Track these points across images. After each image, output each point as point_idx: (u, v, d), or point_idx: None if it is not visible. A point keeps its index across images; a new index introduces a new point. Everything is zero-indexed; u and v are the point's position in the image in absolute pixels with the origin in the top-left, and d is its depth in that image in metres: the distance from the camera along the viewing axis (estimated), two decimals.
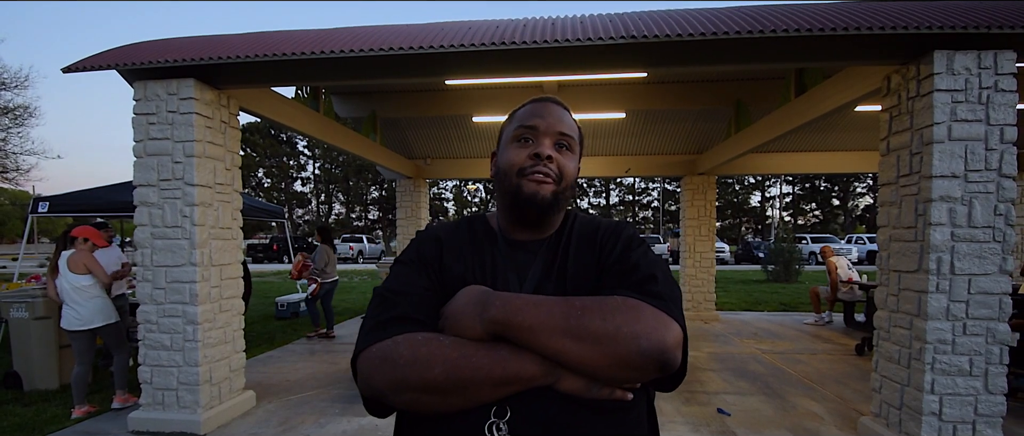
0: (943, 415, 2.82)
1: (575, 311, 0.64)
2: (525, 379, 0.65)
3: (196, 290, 3.39)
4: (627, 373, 0.64)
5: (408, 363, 0.64)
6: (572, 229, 0.87)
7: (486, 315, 0.66)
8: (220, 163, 3.64)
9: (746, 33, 3.02)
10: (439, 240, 0.86)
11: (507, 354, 0.65)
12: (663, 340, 0.63)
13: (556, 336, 0.63)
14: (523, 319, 0.64)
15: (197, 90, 3.40)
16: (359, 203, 42.40)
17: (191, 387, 3.43)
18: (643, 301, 0.67)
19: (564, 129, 0.84)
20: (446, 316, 0.72)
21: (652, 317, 0.64)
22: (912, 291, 2.98)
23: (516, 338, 0.65)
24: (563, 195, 0.83)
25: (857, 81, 3.68)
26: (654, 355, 0.62)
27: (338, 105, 6.61)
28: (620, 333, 0.62)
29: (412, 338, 0.67)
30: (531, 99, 0.88)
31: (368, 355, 0.68)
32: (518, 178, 0.81)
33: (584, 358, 0.63)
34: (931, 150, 2.87)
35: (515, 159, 0.82)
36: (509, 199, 0.83)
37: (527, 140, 0.83)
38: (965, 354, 2.81)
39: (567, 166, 0.83)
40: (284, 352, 5.80)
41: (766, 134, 5.41)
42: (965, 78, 2.85)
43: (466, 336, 0.67)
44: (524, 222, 0.85)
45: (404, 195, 8.85)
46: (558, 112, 0.85)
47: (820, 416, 3.67)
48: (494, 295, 0.69)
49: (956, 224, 2.84)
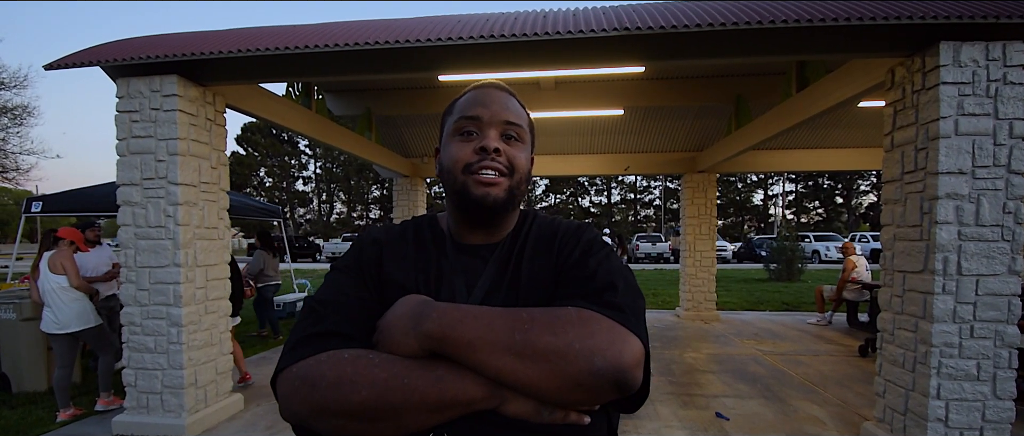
0: (949, 421, 2.71)
1: (521, 324, 0.56)
2: (465, 402, 0.57)
3: (180, 292, 3.31)
4: (580, 395, 0.56)
5: (331, 385, 0.56)
6: (529, 232, 0.79)
7: (420, 329, 0.58)
8: (205, 161, 3.55)
9: (744, 24, 2.92)
10: (379, 243, 0.77)
11: (445, 374, 0.57)
12: (619, 357, 0.55)
13: (498, 353, 0.55)
14: (462, 333, 0.56)
15: (180, 87, 3.32)
16: (360, 202, 42.37)
17: (176, 390, 3.35)
18: (600, 313, 0.58)
19: (511, 117, 0.75)
20: (379, 330, 0.64)
21: (608, 331, 0.56)
22: (917, 292, 2.88)
23: (454, 355, 0.57)
24: (516, 191, 0.74)
25: (860, 75, 3.57)
26: (610, 374, 0.54)
27: (332, 103, 6.52)
28: (572, 350, 0.54)
29: (337, 356, 0.59)
30: (472, 86, 0.79)
31: (288, 376, 0.60)
32: (464, 176, 0.72)
33: (531, 378, 0.55)
34: (937, 145, 2.77)
35: (459, 155, 0.73)
36: (456, 199, 0.74)
37: (470, 133, 0.74)
38: (972, 358, 2.70)
39: (518, 158, 0.74)
40: (276, 353, 5.73)
41: (767, 131, 5.29)
42: (972, 70, 2.74)
43: (399, 353, 0.59)
44: (474, 224, 0.77)
45: (401, 194, 8.77)
46: (503, 98, 0.76)
47: (822, 421, 3.56)
48: (431, 306, 0.61)
49: (963, 222, 2.73)
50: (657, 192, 41.56)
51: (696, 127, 7.39)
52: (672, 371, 4.84)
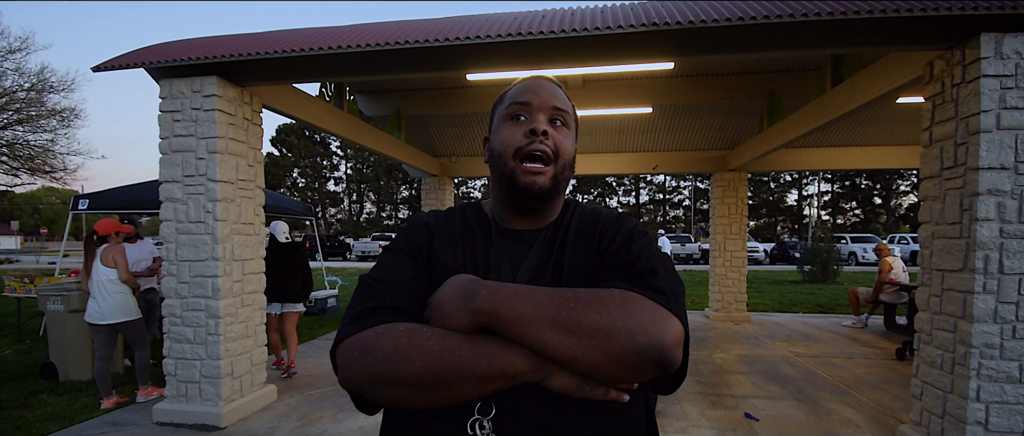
0: (990, 425, 2.60)
1: (567, 303, 0.60)
2: (512, 375, 0.60)
3: (218, 285, 3.47)
4: (622, 371, 0.59)
5: (388, 355, 0.61)
6: (571, 219, 0.82)
7: (471, 305, 0.62)
8: (242, 159, 3.71)
9: (776, 17, 2.86)
10: (429, 227, 0.82)
11: (493, 348, 0.60)
12: (661, 337, 0.58)
13: (545, 329, 0.58)
14: (511, 310, 0.60)
15: (220, 87, 3.48)
16: (389, 202, 43.13)
17: (213, 380, 3.51)
18: (642, 294, 0.61)
19: (558, 103, 0.79)
20: (431, 306, 0.68)
21: (651, 312, 0.59)
22: (956, 291, 2.77)
23: (503, 330, 0.60)
24: (561, 177, 0.78)
25: (898, 69, 3.45)
26: (652, 353, 0.57)
27: (363, 103, 6.68)
28: (615, 328, 0.57)
29: (393, 329, 0.64)
30: (521, 79, 0.84)
31: (347, 346, 0.65)
32: (514, 161, 0.76)
33: (576, 353, 0.58)
34: (978, 140, 2.66)
35: (510, 139, 0.77)
36: (505, 185, 0.79)
37: (520, 117, 0.79)
38: (1014, 359, 2.59)
39: (564, 143, 0.79)
40: (309, 347, 5.91)
41: (800, 128, 5.15)
42: (1015, 62, 2.62)
43: (451, 327, 0.63)
44: (521, 211, 0.81)
45: (429, 193, 8.90)
46: (551, 87, 0.81)
47: (856, 423, 3.46)
48: (481, 284, 0.65)
49: (1005, 220, 2.62)
50: (687, 192, 40.80)
51: (726, 125, 7.26)
52: (701, 371, 4.77)
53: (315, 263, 21.44)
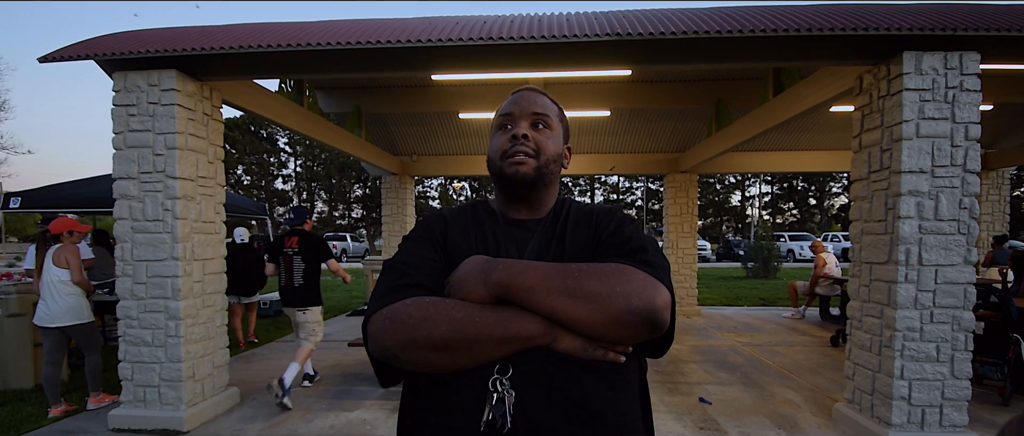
0: (912, 399, 2.95)
1: (572, 273, 0.70)
2: (525, 338, 0.70)
3: (178, 285, 3.35)
4: (620, 331, 0.69)
5: (417, 322, 0.69)
6: (569, 211, 0.94)
7: (490, 279, 0.72)
8: (202, 156, 3.59)
9: (726, 32, 3.10)
10: (445, 218, 0.93)
11: (509, 315, 0.70)
12: (652, 301, 0.68)
13: (554, 295, 0.69)
14: (524, 280, 0.70)
15: (179, 81, 3.36)
16: (342, 201, 41.89)
17: (173, 384, 3.38)
18: (636, 267, 0.73)
19: (537, 109, 0.92)
20: (451, 283, 0.78)
21: (643, 280, 0.70)
22: (883, 281, 3.11)
23: (517, 299, 0.70)
24: (545, 169, 0.90)
25: (831, 81, 3.81)
26: (644, 314, 0.67)
27: (322, 100, 6.55)
28: (613, 292, 0.67)
29: (420, 301, 0.73)
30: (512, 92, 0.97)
31: (379, 316, 0.73)
32: (501, 161, 0.89)
33: (581, 316, 0.68)
34: (900, 146, 3.00)
35: (498, 145, 0.91)
36: (498, 181, 0.92)
37: (507, 126, 0.91)
38: (932, 341, 2.94)
39: (544, 142, 0.90)
40: (268, 349, 5.75)
41: (745, 133, 5.54)
42: (932, 78, 2.98)
43: (471, 299, 0.72)
44: (515, 199, 0.92)
45: (390, 192, 8.81)
46: (532, 96, 0.94)
47: (797, 403, 3.79)
48: (497, 261, 0.75)
49: (923, 217, 2.97)
50: (639, 193, 42.13)
51: (678, 129, 7.64)
52: (658, 361, 5.03)
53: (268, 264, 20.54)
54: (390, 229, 8.88)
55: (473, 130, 7.91)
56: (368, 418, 3.54)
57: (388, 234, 8.93)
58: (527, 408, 0.69)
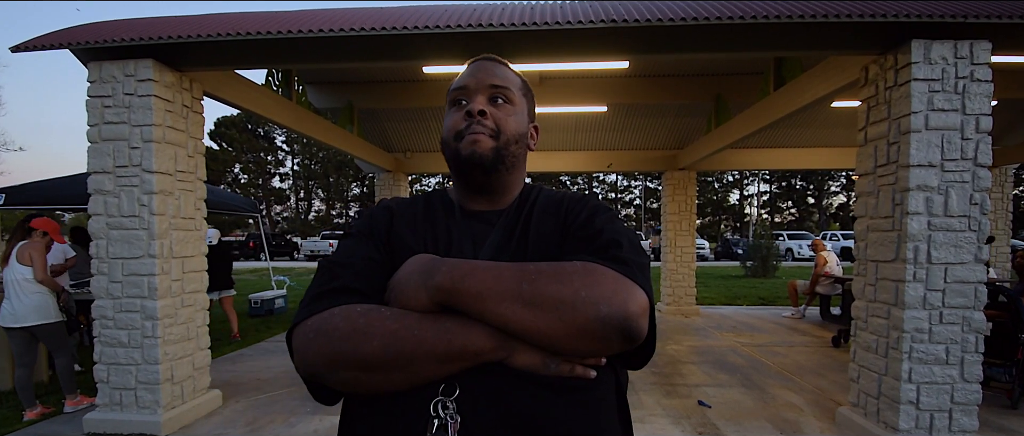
0: (920, 404, 2.82)
1: (529, 275, 0.58)
2: (473, 353, 0.58)
3: (155, 284, 3.21)
4: (587, 344, 0.57)
5: (344, 336, 0.58)
6: (536, 200, 0.81)
7: (431, 282, 0.60)
8: (182, 150, 3.45)
9: (727, 19, 2.97)
10: (390, 210, 0.79)
11: (454, 326, 0.58)
12: (625, 306, 0.56)
13: (506, 302, 0.56)
14: (470, 285, 0.58)
15: (156, 71, 3.22)
16: (340, 199, 41.76)
17: (151, 386, 3.25)
18: (606, 266, 0.60)
19: (496, 80, 0.78)
20: (391, 288, 0.65)
21: (614, 281, 0.58)
22: (889, 280, 2.98)
23: (464, 307, 0.58)
24: (506, 150, 0.76)
25: (835, 73, 3.68)
26: (616, 322, 0.55)
27: (313, 95, 6.41)
28: (578, 297, 0.55)
29: (350, 310, 0.61)
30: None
31: (303, 329, 0.62)
32: (455, 142, 0.75)
33: (539, 326, 0.56)
34: (908, 139, 2.87)
35: (451, 124, 0.77)
36: (454, 165, 0.78)
37: (462, 102, 0.78)
38: (942, 343, 2.82)
39: (504, 119, 0.77)
40: (256, 350, 5.61)
41: (745, 128, 5.41)
42: (942, 67, 2.85)
43: (410, 307, 0.61)
44: (472, 187, 0.79)
45: (383, 189, 8.67)
46: (490, 66, 0.79)
47: (799, 407, 3.67)
48: (441, 261, 0.62)
49: (933, 213, 2.84)
50: (638, 191, 42.07)
51: (677, 125, 7.51)
52: (655, 362, 4.91)
53: (261, 263, 20.44)
54: None
55: None
56: None
57: None
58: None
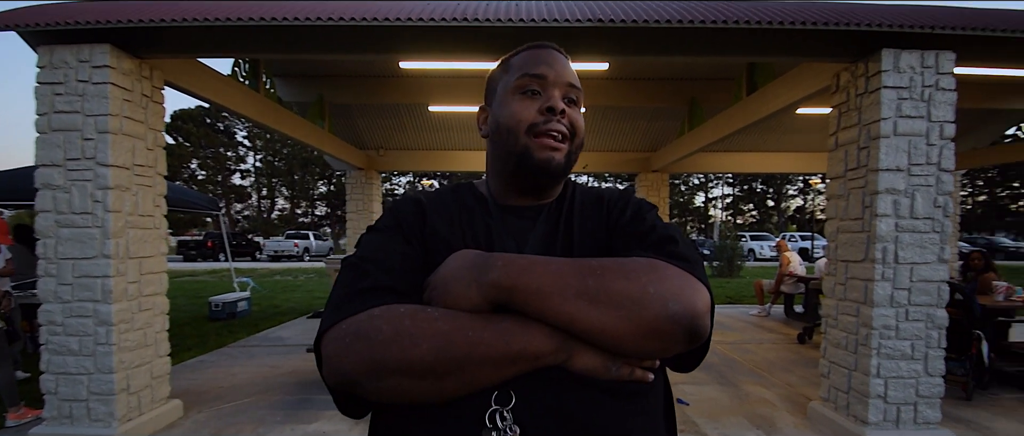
0: (888, 397, 2.93)
1: (593, 271, 0.54)
2: (533, 356, 0.53)
3: (110, 286, 2.99)
4: (653, 343, 0.53)
5: (389, 340, 0.52)
6: (574, 195, 0.77)
7: (486, 279, 0.55)
8: (140, 142, 3.23)
9: (710, 22, 3.01)
10: (420, 203, 0.73)
11: (511, 326, 0.54)
12: (693, 303, 0.54)
13: (571, 299, 0.52)
14: (531, 281, 0.53)
15: (113, 58, 3.00)
16: (305, 198, 40.59)
17: (105, 397, 3.02)
18: (668, 262, 0.57)
19: (572, 80, 0.73)
20: (433, 286, 0.60)
21: (680, 278, 0.55)
22: (859, 280, 3.09)
23: (523, 305, 0.54)
24: (573, 156, 0.73)
25: (806, 79, 3.80)
26: (684, 320, 0.53)
27: (282, 88, 6.17)
28: (647, 294, 0.52)
29: (392, 310, 0.55)
30: (527, 45, 0.76)
31: (336, 333, 0.55)
32: (527, 137, 0.69)
33: (606, 325, 0.52)
34: (878, 144, 2.98)
35: (523, 114, 0.70)
36: (514, 162, 0.71)
37: (534, 92, 0.71)
38: (908, 339, 2.94)
39: (578, 121, 0.73)
40: (218, 356, 5.34)
41: (718, 132, 5.54)
42: (909, 76, 2.97)
43: (459, 307, 0.56)
44: (529, 189, 0.74)
45: (355, 187, 8.46)
46: (565, 61, 0.75)
47: (772, 402, 3.76)
48: (494, 256, 0.57)
49: (900, 215, 2.96)
50: None
51: (652, 128, 7.63)
52: None
53: (221, 264, 19.60)
54: (355, 227, 8.54)
55: (443, 124, 7.66)
56: (329, 431, 3.28)
57: (353, 232, 8.59)
58: None
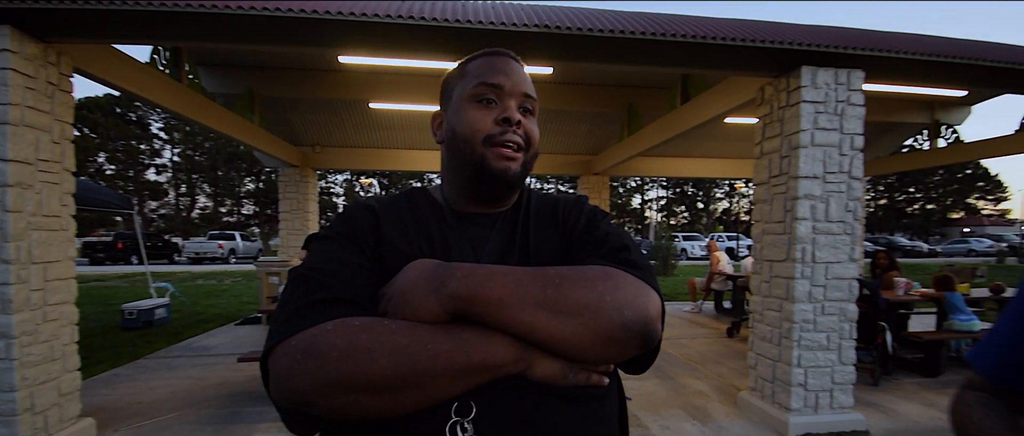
0: (808, 385, 3.22)
1: (551, 280, 0.56)
2: (493, 366, 0.54)
3: (10, 294, 2.66)
4: (610, 349, 0.56)
5: (344, 355, 0.51)
6: (529, 203, 0.78)
7: (445, 290, 0.55)
8: (45, 134, 2.90)
9: (647, 35, 3.15)
10: (373, 210, 0.71)
11: (471, 336, 0.54)
12: (647, 310, 0.57)
13: (531, 309, 0.54)
14: (490, 291, 0.54)
15: (14, 41, 2.67)
16: (230, 196, 37.97)
17: (5, 419, 2.68)
18: (622, 269, 0.60)
19: (528, 90, 0.74)
20: (390, 297, 0.59)
21: (634, 285, 0.58)
22: (782, 278, 3.36)
23: (483, 315, 0.54)
24: (529, 166, 0.74)
25: (735, 91, 4.08)
26: (639, 327, 0.56)
27: (207, 79, 5.74)
28: (604, 303, 0.55)
29: (346, 324, 0.54)
30: (483, 51, 0.76)
31: (286, 349, 0.53)
32: (484, 147, 0.69)
33: (565, 333, 0.54)
34: (798, 154, 3.26)
35: (479, 124, 0.70)
36: (470, 171, 0.71)
37: (490, 101, 0.71)
38: (824, 331, 3.24)
39: (533, 131, 0.74)
40: (134, 369, 4.89)
41: (655, 138, 5.82)
42: (825, 91, 3.28)
43: (418, 318, 0.55)
44: (485, 197, 0.74)
45: (289, 186, 8.05)
46: (521, 70, 0.75)
47: (706, 394, 4.01)
48: (453, 267, 0.57)
49: (817, 219, 3.25)
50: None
51: (593, 132, 7.86)
52: None
53: (135, 267, 17.94)
54: (289, 227, 8.12)
55: (384, 122, 7.47)
56: None
57: (287, 232, 8.16)
58: None
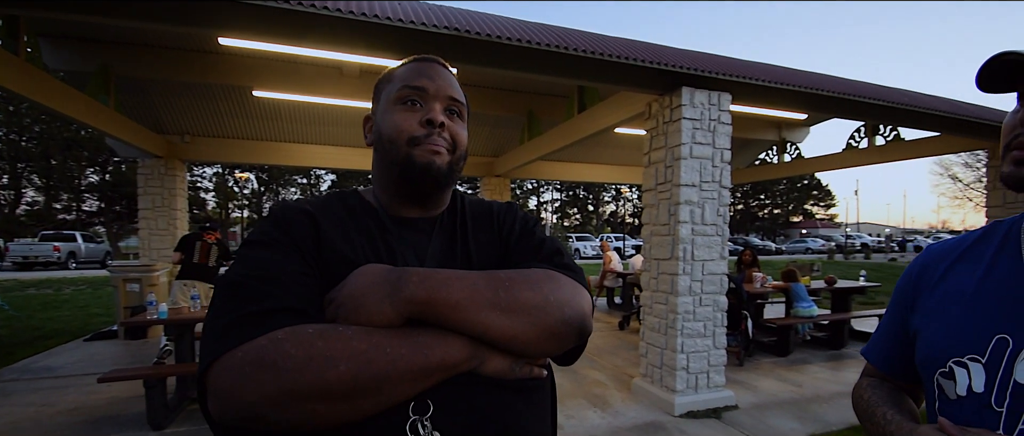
0: (690, 369, 3.63)
1: (502, 283, 0.61)
2: (450, 365, 0.57)
3: None
4: (552, 344, 0.62)
5: (300, 365, 0.50)
6: (464, 208, 0.81)
7: (401, 294, 0.56)
8: None
9: (548, 46, 3.28)
10: (310, 214, 0.68)
11: (428, 339, 0.56)
12: (582, 307, 0.64)
13: (485, 310, 0.58)
14: (449, 295, 0.57)
15: None
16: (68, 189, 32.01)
17: None
18: (560, 272, 0.67)
19: (454, 94, 0.76)
20: (340, 303, 0.58)
21: (570, 286, 0.65)
22: (667, 274, 3.74)
23: (440, 317, 0.57)
24: (457, 166, 0.76)
25: (625, 105, 4.45)
26: (576, 322, 0.63)
27: (49, 53, 4.82)
28: (548, 302, 0.61)
29: (300, 332, 0.53)
30: (413, 57, 0.78)
31: (231, 362, 0.51)
32: (408, 147, 0.70)
33: (515, 331, 0.59)
34: (679, 164, 3.65)
35: (404, 125, 0.71)
36: (397, 171, 0.72)
37: (415, 103, 0.73)
38: (701, 321, 3.67)
39: (459, 134, 0.76)
40: None
41: (553, 144, 6.12)
42: (701, 110, 3.71)
43: (372, 323, 0.56)
44: (415, 197, 0.75)
45: (151, 180, 7.00)
46: (447, 74, 0.77)
47: (604, 383, 4.31)
48: (408, 271, 0.59)
49: (695, 222, 3.67)
50: None
51: (495, 134, 8.00)
52: None
53: None
54: (151, 226, 7.06)
55: (268, 112, 6.83)
56: None
57: (148, 232, 7.09)
58: None
